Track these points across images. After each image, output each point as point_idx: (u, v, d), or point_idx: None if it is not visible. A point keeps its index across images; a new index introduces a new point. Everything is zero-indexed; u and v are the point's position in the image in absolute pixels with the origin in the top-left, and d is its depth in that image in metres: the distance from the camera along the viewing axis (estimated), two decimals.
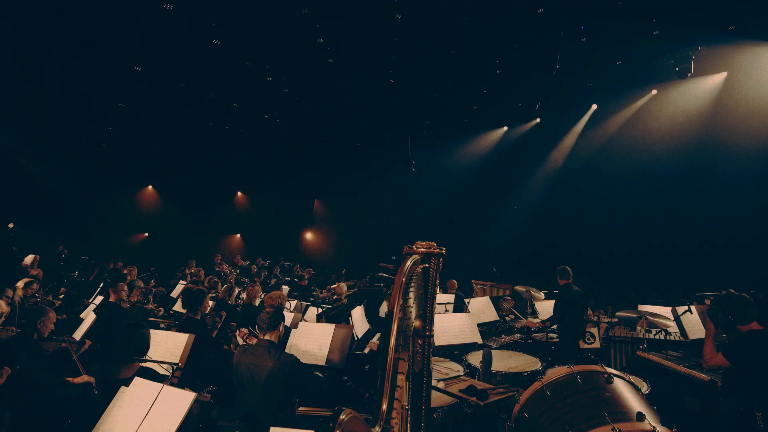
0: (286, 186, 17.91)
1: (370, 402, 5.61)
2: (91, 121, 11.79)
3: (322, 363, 3.70)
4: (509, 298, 6.90)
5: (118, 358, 3.20)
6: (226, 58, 9.24)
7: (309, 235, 19.47)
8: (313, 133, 16.61)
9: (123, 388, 2.78)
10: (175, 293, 8.78)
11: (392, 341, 1.41)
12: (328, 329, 3.87)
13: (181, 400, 2.55)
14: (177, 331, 4.31)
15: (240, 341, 3.59)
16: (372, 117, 15.54)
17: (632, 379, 3.69)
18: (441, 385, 3.49)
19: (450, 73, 11.43)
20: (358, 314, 5.88)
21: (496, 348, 5.33)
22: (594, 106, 15.03)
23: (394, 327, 1.43)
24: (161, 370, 3.99)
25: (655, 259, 12.93)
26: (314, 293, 10.42)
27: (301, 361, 3.56)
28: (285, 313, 7.26)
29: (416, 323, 1.81)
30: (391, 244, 15.83)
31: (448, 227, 17.47)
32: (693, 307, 5.07)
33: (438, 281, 1.98)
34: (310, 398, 3.27)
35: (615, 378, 2.87)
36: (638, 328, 4.80)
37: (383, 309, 8.07)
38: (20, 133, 11.47)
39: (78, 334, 5.08)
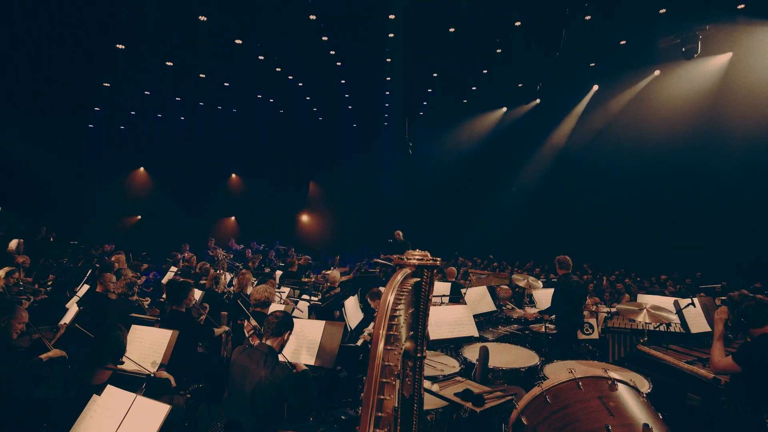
0: (281, 168, 17.61)
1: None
2: (75, 101, 11.40)
3: (311, 362, 3.54)
4: (506, 287, 6.76)
5: (92, 362, 3.02)
6: (215, 35, 8.86)
7: (305, 218, 19.25)
8: (309, 114, 16.26)
9: (95, 396, 2.60)
10: (165, 280, 8.61)
11: (374, 383, 1.20)
12: (318, 326, 3.70)
13: (156, 412, 2.37)
14: (161, 326, 4.13)
15: (246, 333, 3.40)
16: (368, 98, 15.19)
17: (634, 379, 3.56)
18: (435, 387, 3.33)
19: (449, 52, 11.05)
20: (351, 304, 5.72)
21: (492, 341, 5.19)
22: (595, 87, 14.69)
23: (376, 367, 1.22)
24: (142, 368, 3.82)
25: (656, 246, 12.80)
26: (308, 278, 10.26)
27: (290, 361, 3.40)
28: (277, 304, 7.12)
29: (407, 344, 1.62)
30: (386, 226, 15.68)
31: (444, 210, 17.28)
32: (696, 300, 4.92)
33: (431, 294, 1.77)
34: (300, 412, 3.10)
35: (619, 384, 2.70)
36: (638, 320, 4.66)
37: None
38: (1, 115, 11.08)
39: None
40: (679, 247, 12.11)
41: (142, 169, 16.14)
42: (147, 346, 3.95)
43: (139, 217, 16.54)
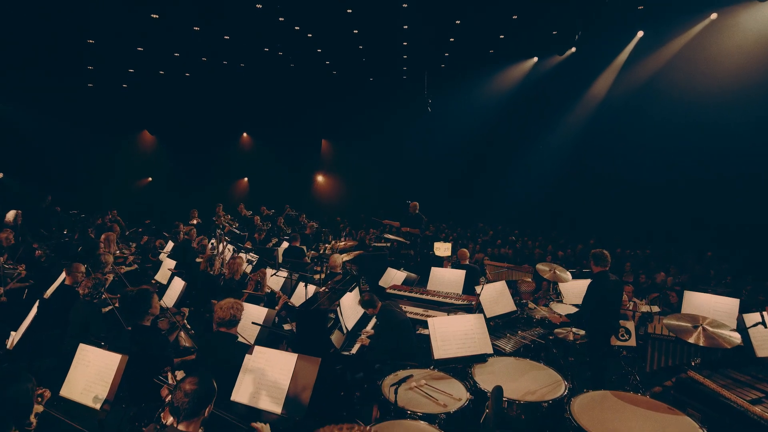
0: (293, 126, 16.70)
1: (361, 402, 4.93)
2: (64, 59, 10.64)
3: (275, 410, 2.84)
4: (529, 280, 5.93)
5: None
6: None
7: (320, 178, 18.48)
8: (321, 68, 15.07)
9: None
10: (163, 255, 8.11)
11: None
12: (287, 363, 2.99)
13: None
14: (111, 348, 3.47)
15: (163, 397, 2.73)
16: (385, 49, 13.87)
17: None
18: None
19: None
20: (347, 303, 5.02)
21: (509, 353, 4.43)
22: (640, 34, 12.89)
23: None
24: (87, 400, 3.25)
25: (711, 227, 11.40)
26: (316, 251, 9.64)
27: (250, 405, 2.72)
28: (272, 284, 6.50)
29: None
30: (402, 190, 14.86)
31: (465, 175, 16.16)
32: (766, 315, 3.99)
33: None
34: None
35: None
36: (691, 340, 3.79)
37: (386, 279, 7.22)
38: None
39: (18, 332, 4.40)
40: (736, 235, 10.70)
41: (148, 130, 15.50)
42: (94, 372, 3.36)
43: (150, 179, 16.13)
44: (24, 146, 11.73)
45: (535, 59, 15.08)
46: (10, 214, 9.05)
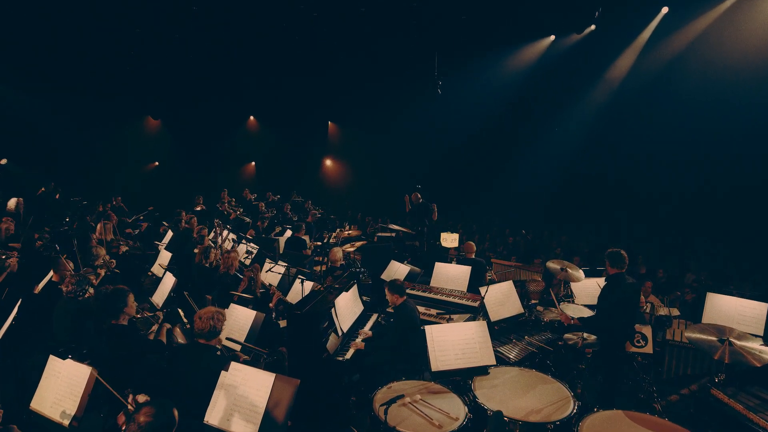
0: (300, 109, 16.29)
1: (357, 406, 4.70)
2: (66, 44, 10.39)
3: None
4: (539, 279, 5.58)
5: None
6: None
7: (329, 163, 18.13)
8: (327, 48, 14.57)
9: None
10: (161, 246, 7.93)
11: None
12: (264, 383, 2.72)
13: None
14: (88, 353, 3.27)
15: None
16: (392, 28, 13.31)
17: None
18: None
19: None
20: (343, 303, 4.74)
21: (514, 363, 4.13)
22: (665, 10, 12.06)
23: None
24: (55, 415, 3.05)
25: (740, 218, 10.75)
26: (319, 241, 9.38)
27: (223, 429, 2.47)
28: (269, 278, 6.27)
29: None
30: (411, 175, 14.41)
31: (477, 159, 15.64)
32: None
33: None
34: None
35: None
36: (716, 357, 3.43)
37: (389, 272, 6.92)
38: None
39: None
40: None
41: (152, 115, 15.23)
42: (64, 384, 3.15)
43: (157, 163, 15.98)
44: (27, 132, 11.59)
45: (552, 38, 14.34)
46: (12, 202, 8.94)
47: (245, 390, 2.75)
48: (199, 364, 3.10)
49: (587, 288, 5.41)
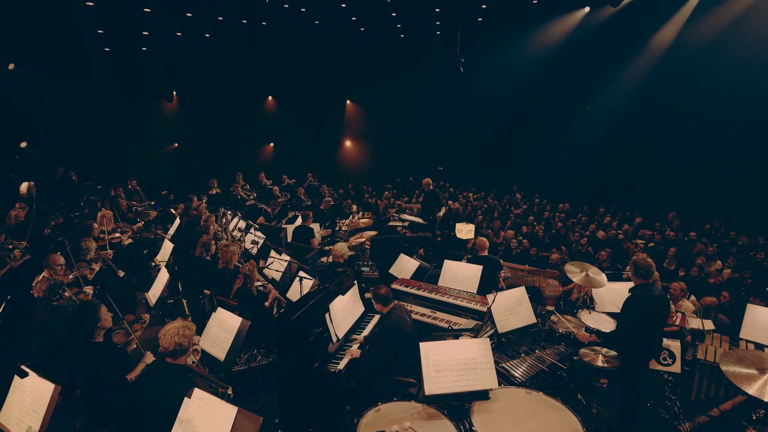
0: (319, 89, 15.86)
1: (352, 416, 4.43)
2: (74, 21, 10.24)
3: None
4: (556, 281, 5.11)
5: None
6: None
7: (348, 143, 17.72)
8: (346, 24, 14.01)
9: None
10: (169, 235, 7.80)
11: None
12: (228, 415, 2.44)
13: None
14: (45, 374, 3.04)
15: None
16: (414, 3, 12.62)
17: None
18: None
19: None
20: (339, 307, 4.44)
21: (519, 384, 3.74)
22: None
23: None
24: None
25: None
26: (333, 228, 9.09)
27: None
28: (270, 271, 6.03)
29: None
30: (430, 159, 13.88)
31: (501, 140, 14.88)
32: None
33: None
34: None
35: None
36: (752, 392, 2.96)
37: (397, 267, 6.57)
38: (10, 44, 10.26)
39: None
40: None
41: (168, 97, 15.09)
42: (29, 401, 2.98)
43: (176, 144, 15.93)
44: (45, 115, 11.61)
45: (587, 9, 13.30)
46: (24, 186, 8.96)
47: (205, 423, 2.49)
48: (164, 384, 2.86)
49: (610, 294, 4.93)
